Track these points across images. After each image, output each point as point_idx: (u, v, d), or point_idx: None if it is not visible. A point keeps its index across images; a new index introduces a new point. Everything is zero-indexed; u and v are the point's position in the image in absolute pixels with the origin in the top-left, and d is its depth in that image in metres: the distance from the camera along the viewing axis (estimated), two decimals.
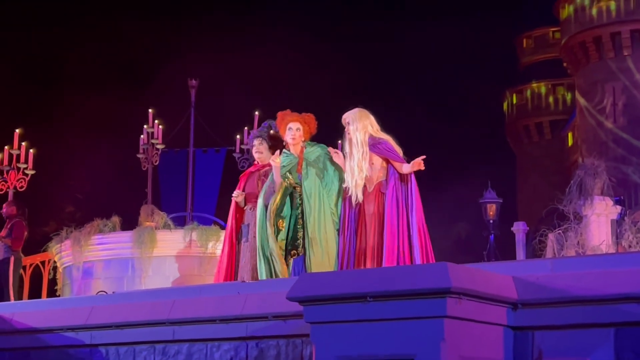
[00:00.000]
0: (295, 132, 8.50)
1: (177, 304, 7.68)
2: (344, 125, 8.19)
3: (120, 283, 12.92)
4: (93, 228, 13.40)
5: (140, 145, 15.97)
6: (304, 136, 8.54)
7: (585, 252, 15.91)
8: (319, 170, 8.36)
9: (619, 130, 36.32)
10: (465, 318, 5.77)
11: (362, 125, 8.09)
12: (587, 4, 37.97)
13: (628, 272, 5.92)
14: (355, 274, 6.26)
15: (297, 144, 8.52)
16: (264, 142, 9.21)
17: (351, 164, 8.06)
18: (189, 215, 16.37)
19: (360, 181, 8.04)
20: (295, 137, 8.50)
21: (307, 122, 8.54)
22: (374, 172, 8.14)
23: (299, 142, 8.51)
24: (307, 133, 8.57)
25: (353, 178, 8.04)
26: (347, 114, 8.19)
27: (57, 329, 8.29)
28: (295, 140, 8.50)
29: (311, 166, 8.38)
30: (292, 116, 8.54)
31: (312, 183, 8.32)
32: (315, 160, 8.41)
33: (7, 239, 12.89)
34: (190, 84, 17.64)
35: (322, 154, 8.46)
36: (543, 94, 46.76)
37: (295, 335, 7.01)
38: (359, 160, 8.02)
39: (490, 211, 21.71)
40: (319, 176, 8.32)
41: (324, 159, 8.43)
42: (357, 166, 8.02)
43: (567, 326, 6.03)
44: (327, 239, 8.19)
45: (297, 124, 8.50)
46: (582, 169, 17.61)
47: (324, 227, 8.20)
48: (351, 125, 8.10)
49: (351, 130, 8.09)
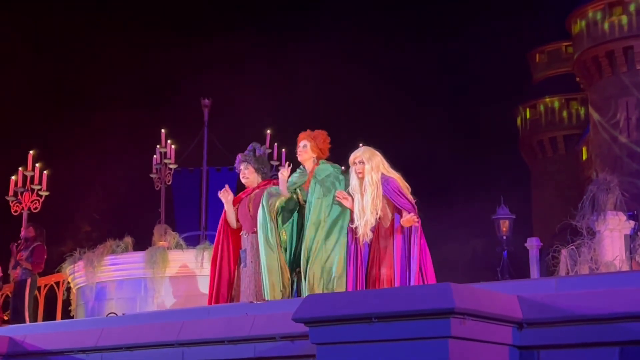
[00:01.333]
0: (301, 150, 8.55)
1: (186, 325, 7.73)
2: (353, 163, 8.06)
3: (133, 303, 12.98)
4: (106, 249, 13.48)
5: (153, 165, 16.05)
6: (313, 152, 8.53)
7: (599, 267, 15.86)
8: (326, 189, 8.36)
9: (633, 144, 36.21)
10: (469, 338, 5.80)
11: (375, 164, 8.01)
12: (599, 18, 37.96)
13: (632, 291, 5.93)
14: (360, 295, 6.30)
15: (305, 161, 8.56)
16: (249, 166, 9.19)
17: (363, 203, 7.97)
18: (202, 234, 16.42)
19: (372, 220, 7.97)
20: (301, 153, 8.55)
21: (314, 138, 8.54)
22: (388, 209, 8.06)
23: (307, 158, 8.53)
24: (316, 148, 8.54)
25: (364, 217, 7.94)
26: (359, 153, 8.05)
27: (68, 351, 8.35)
28: (302, 157, 8.55)
29: (319, 184, 8.40)
30: (302, 134, 8.62)
31: (316, 200, 8.33)
32: (324, 179, 8.41)
33: (28, 263, 13.08)
34: (204, 104, 17.72)
35: (332, 173, 8.47)
36: (557, 109, 46.70)
37: (303, 355, 7.04)
38: (374, 199, 7.94)
39: (503, 227, 21.67)
40: (325, 194, 8.32)
41: (333, 178, 8.43)
42: (370, 206, 7.94)
43: (572, 345, 6.04)
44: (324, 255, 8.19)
45: (304, 141, 8.56)
46: (594, 184, 17.57)
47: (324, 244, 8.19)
48: (366, 164, 7.99)
49: (366, 169, 7.98)
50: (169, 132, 16.06)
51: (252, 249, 8.83)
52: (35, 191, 14.89)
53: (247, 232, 9.01)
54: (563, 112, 46.64)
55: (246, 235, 9.02)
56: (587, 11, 38.50)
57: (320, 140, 8.55)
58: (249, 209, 9.03)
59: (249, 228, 8.97)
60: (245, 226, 9.09)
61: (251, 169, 9.17)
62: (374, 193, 7.95)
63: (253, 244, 8.82)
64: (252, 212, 8.92)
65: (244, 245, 9.02)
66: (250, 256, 8.86)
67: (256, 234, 8.69)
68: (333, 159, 8.83)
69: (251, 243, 8.87)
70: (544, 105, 47.02)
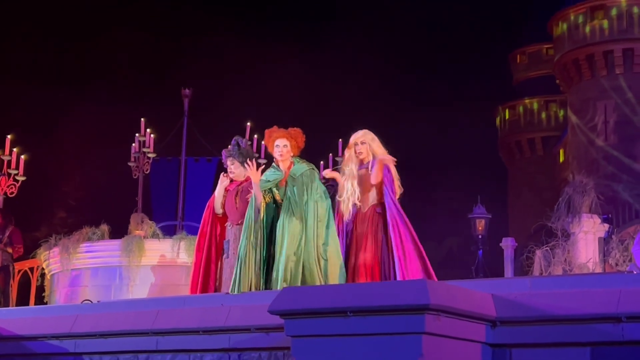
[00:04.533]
0: (282, 149, 8.45)
1: (161, 314, 7.74)
2: (355, 144, 8.34)
3: (108, 291, 12.95)
4: (81, 236, 13.43)
5: (132, 153, 16.00)
6: (292, 151, 8.50)
7: (572, 269, 16.00)
8: (303, 186, 8.32)
9: (609, 148, 36.47)
10: (443, 335, 5.85)
11: (376, 146, 8.35)
12: (580, 22, 38.18)
13: (604, 293, 6.01)
14: (336, 289, 6.34)
15: (285, 160, 8.48)
16: (235, 161, 9.30)
17: (352, 182, 8.25)
18: (178, 224, 16.40)
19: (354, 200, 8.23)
20: (282, 153, 8.45)
21: (294, 137, 8.49)
22: (370, 194, 8.26)
23: (287, 158, 8.47)
24: (295, 148, 8.52)
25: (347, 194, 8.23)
26: (362, 135, 8.37)
27: (42, 336, 8.34)
28: (283, 157, 8.46)
29: (295, 182, 8.35)
30: (278, 132, 8.50)
31: (294, 198, 8.29)
32: (300, 176, 8.37)
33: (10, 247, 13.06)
34: (184, 93, 17.69)
35: (307, 170, 8.43)
36: (535, 110, 46.94)
37: (277, 347, 7.07)
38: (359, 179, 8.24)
39: (479, 226, 21.79)
40: (301, 191, 8.28)
41: (309, 175, 8.40)
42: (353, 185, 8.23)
43: (544, 344, 6.11)
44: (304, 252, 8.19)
45: (283, 140, 8.46)
46: (570, 187, 17.72)
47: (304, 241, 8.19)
48: (369, 145, 8.32)
49: (364, 149, 8.31)
50: (149, 121, 16.02)
51: (235, 240, 8.88)
52: (12, 176, 14.81)
53: (232, 223, 9.09)
54: (542, 114, 46.88)
55: (230, 227, 9.12)
56: (569, 14, 38.70)
57: (300, 140, 8.55)
58: (236, 202, 9.11)
59: (235, 220, 9.05)
60: (230, 218, 9.18)
61: (237, 163, 9.26)
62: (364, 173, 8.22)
63: (237, 235, 8.86)
64: (239, 205, 9.00)
65: (228, 236, 9.12)
66: (232, 247, 8.92)
67: (240, 226, 8.71)
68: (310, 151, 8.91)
69: (234, 234, 8.95)
70: (523, 107, 47.24)
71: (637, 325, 5.79)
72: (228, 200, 9.24)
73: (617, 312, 5.84)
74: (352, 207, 8.28)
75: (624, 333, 5.83)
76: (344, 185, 8.33)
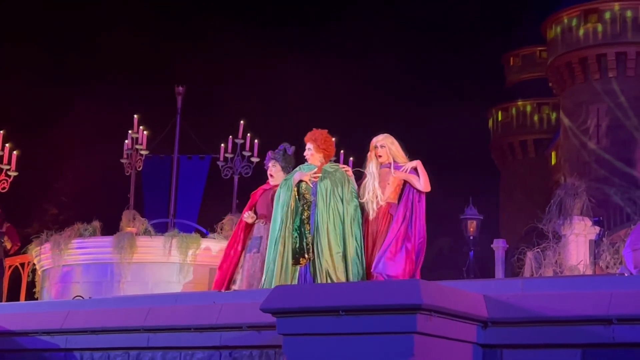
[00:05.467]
0: (307, 152, 8.83)
1: (153, 312, 7.73)
2: (375, 146, 8.56)
3: (99, 288, 12.93)
4: (73, 232, 13.41)
5: (124, 150, 15.97)
6: (318, 153, 8.80)
7: (563, 271, 16.03)
8: (336, 180, 8.57)
9: (601, 151, 36.58)
10: (435, 335, 5.86)
11: (395, 149, 8.58)
12: (574, 25, 38.27)
13: (596, 295, 6.03)
14: (329, 288, 6.35)
15: (313, 163, 8.79)
16: (277, 164, 9.55)
17: (374, 182, 8.46)
18: (170, 221, 16.38)
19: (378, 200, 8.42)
20: (307, 156, 8.81)
21: (315, 140, 8.79)
22: (386, 191, 8.46)
23: (314, 161, 8.78)
24: (319, 149, 8.82)
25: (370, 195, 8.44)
26: (382, 139, 8.60)
27: (33, 332, 8.32)
28: (309, 160, 8.80)
29: (328, 175, 8.62)
30: (307, 136, 8.86)
31: (325, 190, 8.50)
32: (332, 172, 8.65)
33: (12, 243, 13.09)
34: (177, 91, 17.66)
35: (339, 170, 8.74)
36: (528, 113, 47.04)
37: (269, 346, 7.08)
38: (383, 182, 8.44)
39: (470, 227, 21.83)
40: (334, 184, 8.53)
41: (341, 174, 8.67)
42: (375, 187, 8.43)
43: (535, 346, 6.13)
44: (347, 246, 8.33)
45: (308, 143, 8.82)
46: (562, 189, 17.74)
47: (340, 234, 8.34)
48: (389, 148, 8.54)
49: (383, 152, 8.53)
50: (142, 118, 16.00)
51: (267, 238, 9.08)
52: (4, 171, 14.76)
53: (265, 221, 9.32)
54: (534, 116, 46.98)
55: (263, 224, 9.33)
56: (563, 17, 38.79)
57: (320, 141, 8.82)
58: (270, 203, 9.28)
59: (269, 219, 9.21)
60: (264, 216, 9.40)
61: (278, 167, 9.52)
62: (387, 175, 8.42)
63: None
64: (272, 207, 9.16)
65: (259, 233, 9.32)
66: (265, 243, 9.08)
67: None
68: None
69: (267, 231, 9.12)
70: (516, 109, 47.33)
71: (627, 328, 5.82)
72: (263, 198, 9.49)
73: (608, 314, 5.86)
74: (377, 207, 8.38)
75: (615, 335, 5.85)
76: (366, 187, 8.51)
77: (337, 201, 8.46)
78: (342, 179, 8.59)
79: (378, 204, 8.41)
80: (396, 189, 8.50)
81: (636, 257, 11.21)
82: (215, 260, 12.91)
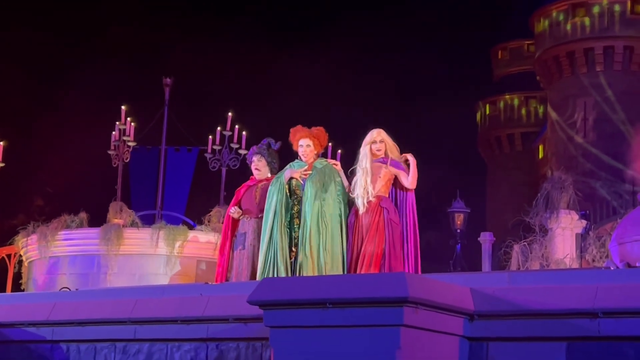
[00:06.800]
0: (305, 149, 8.76)
1: (140, 304, 7.72)
2: (373, 142, 8.52)
3: (86, 279, 12.90)
4: (60, 223, 13.36)
5: (112, 141, 15.91)
6: (316, 149, 8.82)
7: (549, 265, 16.09)
8: (325, 175, 8.58)
9: (588, 145, 36.70)
10: (421, 327, 5.88)
11: (391, 143, 8.59)
12: (562, 19, 38.35)
13: (582, 288, 6.05)
14: (316, 280, 6.35)
15: (308, 160, 8.78)
16: (263, 159, 9.54)
17: (366, 178, 8.42)
18: (158, 213, 16.34)
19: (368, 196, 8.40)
20: (306, 153, 8.75)
21: (317, 137, 8.79)
22: (376, 185, 8.45)
23: (311, 157, 8.77)
24: (318, 146, 8.86)
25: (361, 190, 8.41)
26: (379, 133, 8.58)
27: (19, 323, 8.30)
28: (307, 157, 8.77)
29: (317, 172, 8.62)
30: (302, 132, 8.80)
31: (314, 186, 8.51)
32: (322, 169, 8.65)
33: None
34: (165, 82, 17.60)
35: (328, 166, 8.72)
36: (516, 106, 47.14)
37: (256, 338, 7.08)
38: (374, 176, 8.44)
39: (457, 220, 21.88)
40: (322, 181, 8.54)
41: (330, 170, 8.67)
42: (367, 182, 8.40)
43: (520, 339, 6.15)
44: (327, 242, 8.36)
45: (307, 140, 8.76)
46: (549, 183, 17.80)
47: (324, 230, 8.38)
48: (386, 143, 8.53)
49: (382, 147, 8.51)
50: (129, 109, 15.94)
51: (252, 232, 9.14)
52: None
53: (249, 217, 9.31)
54: (522, 110, 47.09)
55: (247, 219, 9.31)
56: (551, 11, 38.86)
57: (322, 139, 8.87)
58: (255, 197, 9.33)
59: (254, 213, 9.28)
60: (249, 212, 9.39)
61: (264, 161, 9.51)
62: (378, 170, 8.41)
63: (254, 227, 9.15)
64: (258, 200, 9.23)
65: (244, 229, 9.30)
66: (249, 240, 9.10)
67: (259, 219, 9.02)
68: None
69: (252, 227, 9.17)
70: (503, 102, 47.42)
71: (613, 321, 5.84)
72: (248, 195, 9.46)
73: (594, 308, 5.89)
74: (367, 203, 8.41)
75: (600, 328, 5.88)
76: (358, 182, 8.50)
77: (323, 198, 8.47)
78: (330, 174, 8.60)
79: (368, 199, 8.43)
80: (387, 183, 8.52)
81: (622, 250, 11.25)
82: (202, 252, 12.91)
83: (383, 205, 8.40)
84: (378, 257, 8.25)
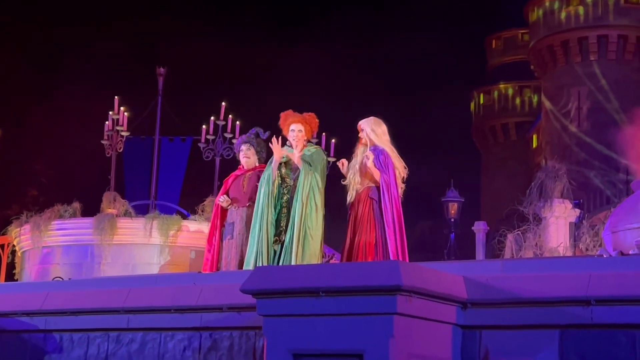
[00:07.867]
0: (297, 134, 8.75)
1: (133, 293, 7.71)
2: (360, 129, 8.55)
3: (79, 269, 12.87)
4: (53, 213, 13.33)
5: (105, 131, 15.87)
6: (307, 135, 8.84)
7: (543, 253, 16.12)
8: (313, 160, 8.60)
9: (582, 134, 36.73)
10: (415, 315, 5.88)
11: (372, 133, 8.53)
12: (556, 8, 38.32)
13: (575, 276, 6.06)
14: (309, 269, 6.35)
15: (298, 145, 8.76)
16: (252, 148, 9.56)
17: (355, 165, 8.48)
18: (151, 203, 16.32)
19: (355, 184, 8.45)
20: (297, 138, 8.74)
21: (309, 122, 8.81)
22: (365, 176, 8.45)
23: (301, 142, 8.76)
24: (309, 132, 8.89)
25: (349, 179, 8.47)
26: (363, 122, 8.58)
27: (12, 313, 8.29)
28: (297, 142, 8.75)
29: (306, 161, 8.61)
30: (293, 117, 8.79)
31: (304, 177, 8.52)
32: (310, 157, 8.65)
33: None
34: (159, 72, 17.54)
35: (316, 152, 8.72)
36: (510, 96, 47.13)
37: (249, 327, 7.08)
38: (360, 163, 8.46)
39: (451, 210, 21.88)
40: (312, 171, 8.54)
41: (317, 155, 8.69)
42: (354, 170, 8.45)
43: (514, 327, 6.16)
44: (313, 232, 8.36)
45: (298, 125, 8.76)
46: (543, 172, 17.84)
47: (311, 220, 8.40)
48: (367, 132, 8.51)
49: (363, 135, 8.52)
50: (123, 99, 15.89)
51: (241, 222, 9.15)
52: None
53: (238, 206, 9.33)
54: (516, 99, 47.07)
55: (235, 209, 9.33)
56: (545, 0, 38.83)
57: (314, 124, 8.91)
58: (243, 186, 9.37)
59: (242, 203, 9.31)
60: (237, 201, 9.41)
61: (253, 150, 9.55)
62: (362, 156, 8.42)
63: (242, 217, 9.17)
64: (246, 189, 9.29)
65: (232, 219, 9.32)
66: (238, 229, 9.12)
67: (247, 208, 9.07)
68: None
69: (240, 216, 9.19)
70: (497, 92, 47.41)
71: (606, 309, 5.85)
72: (235, 184, 9.47)
73: (587, 295, 5.90)
74: (354, 191, 8.45)
75: (593, 316, 5.89)
76: (350, 168, 8.56)
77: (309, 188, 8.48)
78: (317, 159, 8.62)
79: (356, 189, 8.44)
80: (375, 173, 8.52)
81: (615, 239, 11.29)
82: (196, 241, 12.89)
83: (372, 196, 8.41)
84: (371, 247, 8.27)
